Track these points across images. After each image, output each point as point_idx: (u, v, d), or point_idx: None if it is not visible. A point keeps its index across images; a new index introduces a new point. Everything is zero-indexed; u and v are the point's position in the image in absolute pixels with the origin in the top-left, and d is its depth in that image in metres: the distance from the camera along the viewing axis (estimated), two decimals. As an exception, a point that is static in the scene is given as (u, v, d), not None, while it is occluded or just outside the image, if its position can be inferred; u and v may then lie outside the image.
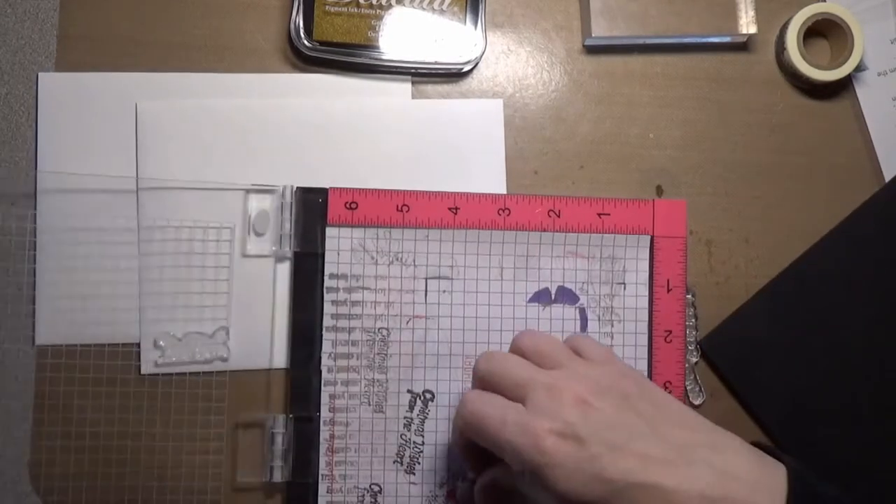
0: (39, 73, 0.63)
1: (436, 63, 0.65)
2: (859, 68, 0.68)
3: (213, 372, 0.63)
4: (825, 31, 0.69)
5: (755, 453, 0.52)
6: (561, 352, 0.55)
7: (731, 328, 0.66)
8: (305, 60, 0.65)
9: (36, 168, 0.62)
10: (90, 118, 0.63)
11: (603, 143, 0.67)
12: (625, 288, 0.65)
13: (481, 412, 0.53)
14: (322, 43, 0.64)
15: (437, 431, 0.63)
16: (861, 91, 0.69)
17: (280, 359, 0.63)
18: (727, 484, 0.49)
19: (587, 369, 0.54)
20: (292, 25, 0.63)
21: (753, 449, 0.52)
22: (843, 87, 0.69)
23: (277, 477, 0.61)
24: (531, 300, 0.64)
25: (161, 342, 0.62)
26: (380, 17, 0.64)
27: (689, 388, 0.65)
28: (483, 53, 0.66)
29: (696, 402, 0.66)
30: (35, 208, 0.62)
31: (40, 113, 0.63)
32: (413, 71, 0.66)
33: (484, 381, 0.55)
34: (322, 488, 0.62)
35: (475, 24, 0.65)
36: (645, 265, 0.65)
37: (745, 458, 0.51)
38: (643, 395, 0.53)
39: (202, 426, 0.63)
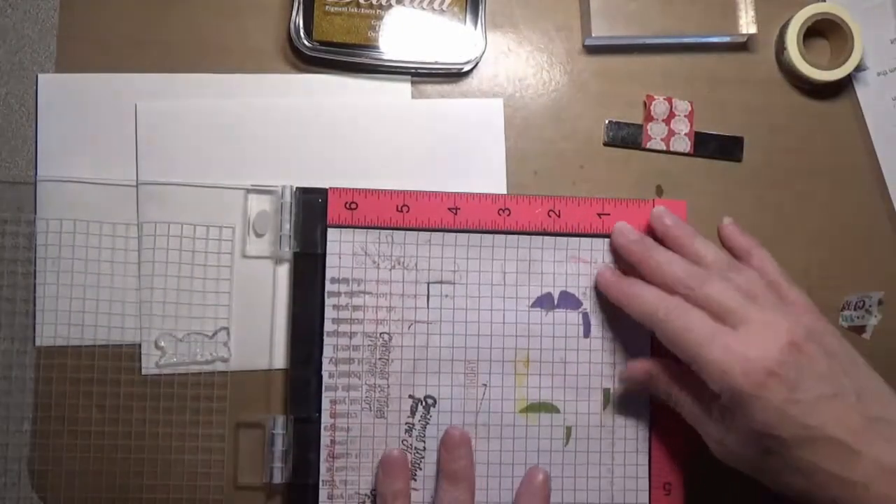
0: (39, 75, 0.63)
1: (436, 63, 0.65)
2: (859, 68, 0.68)
3: (213, 372, 0.63)
4: (825, 31, 0.69)
5: None
6: (770, 296, 0.57)
7: None
8: (305, 60, 0.65)
9: (36, 169, 0.62)
10: (90, 119, 0.63)
11: (603, 143, 0.67)
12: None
13: (687, 324, 0.56)
14: (322, 43, 0.64)
15: (438, 437, 0.63)
16: (861, 91, 0.69)
17: (280, 360, 0.63)
18: None
19: (797, 315, 0.56)
20: (292, 25, 0.63)
21: None
22: (843, 87, 0.70)
23: (277, 478, 0.62)
24: (533, 305, 0.64)
25: (162, 343, 0.62)
26: (380, 17, 0.64)
27: (688, 388, 0.66)
28: (483, 53, 0.65)
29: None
30: (35, 209, 0.62)
31: (40, 114, 0.63)
32: (413, 71, 0.66)
33: (692, 299, 0.57)
34: (323, 494, 0.62)
35: (475, 24, 0.65)
36: (647, 269, 0.65)
37: None
38: (846, 355, 0.56)
39: (203, 426, 0.63)
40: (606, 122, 0.67)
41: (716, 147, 0.68)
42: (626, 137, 0.67)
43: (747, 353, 0.53)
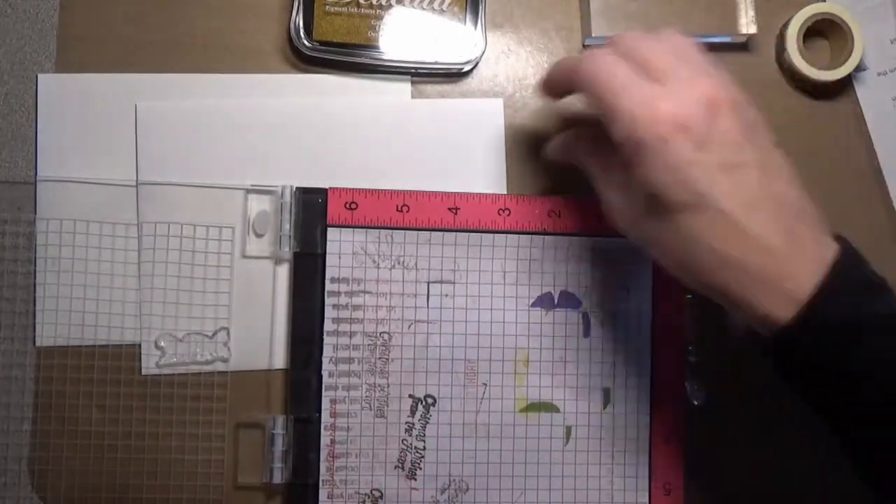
0: (39, 75, 0.63)
1: (436, 63, 0.65)
2: (859, 68, 0.68)
3: (213, 372, 0.63)
4: (825, 31, 0.69)
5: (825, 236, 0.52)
6: (702, 60, 0.54)
7: None
8: (305, 60, 0.65)
9: (36, 169, 0.62)
10: (90, 119, 0.63)
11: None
12: (628, 292, 0.65)
13: (612, 72, 0.52)
14: (322, 43, 0.64)
15: (438, 437, 0.63)
16: (861, 91, 0.69)
17: (280, 360, 0.63)
18: (792, 250, 0.50)
19: (727, 83, 0.53)
20: (292, 26, 0.63)
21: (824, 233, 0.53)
22: (843, 87, 0.69)
23: (277, 478, 0.62)
24: (533, 305, 0.64)
25: (162, 343, 0.62)
26: (380, 17, 0.64)
27: (688, 388, 0.66)
28: (483, 53, 0.65)
29: (696, 403, 0.66)
30: (35, 209, 0.62)
31: (40, 114, 0.63)
32: (413, 71, 0.66)
33: (626, 54, 0.54)
34: (323, 493, 0.62)
35: (475, 24, 0.65)
36: (648, 269, 0.65)
37: (818, 240, 0.51)
38: (765, 133, 0.53)
39: (203, 426, 0.63)
40: None
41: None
42: None
43: (661, 103, 0.50)
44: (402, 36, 0.64)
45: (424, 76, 0.66)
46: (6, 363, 0.62)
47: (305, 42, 0.63)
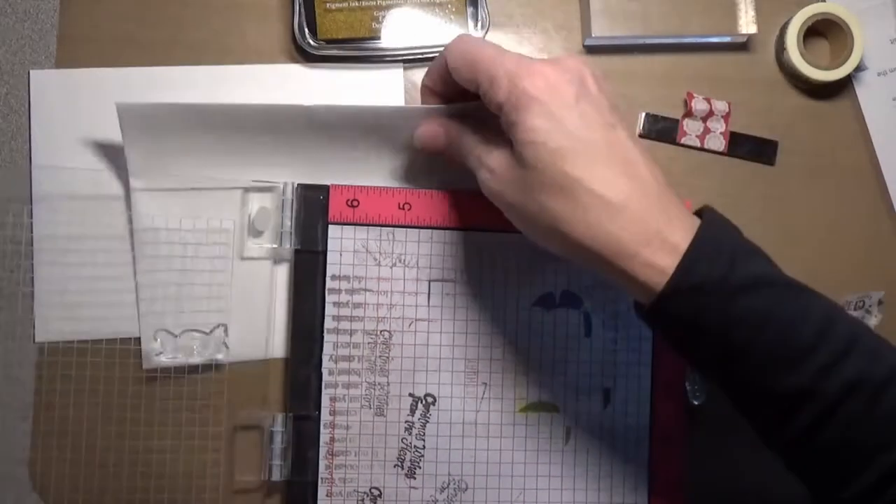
0: (31, 70, 0.63)
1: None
2: (859, 68, 0.68)
3: (211, 370, 0.63)
4: (825, 31, 0.69)
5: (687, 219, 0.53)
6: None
7: None
8: (311, 59, 0.65)
9: (31, 163, 0.62)
10: (85, 114, 0.63)
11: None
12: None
13: (483, 46, 0.55)
14: (327, 41, 0.64)
15: (438, 436, 0.63)
16: (861, 91, 0.70)
17: (279, 357, 0.63)
18: (662, 211, 0.51)
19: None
20: (296, 26, 0.63)
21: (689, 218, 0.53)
22: (843, 87, 0.70)
23: (276, 476, 0.61)
24: (535, 304, 0.64)
25: (160, 340, 0.62)
26: (382, 9, 0.64)
27: (688, 388, 0.66)
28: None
29: (696, 403, 0.66)
30: (32, 206, 0.62)
31: (33, 110, 0.62)
32: (419, 57, 0.66)
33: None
34: (321, 491, 0.62)
35: (476, 24, 0.65)
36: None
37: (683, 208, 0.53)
38: (629, 132, 0.54)
39: (201, 425, 0.63)
40: (643, 114, 0.68)
41: (750, 149, 0.68)
42: (661, 131, 0.68)
43: (539, 65, 0.52)
44: (405, 26, 0.65)
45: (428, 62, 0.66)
46: (6, 361, 0.62)
47: (311, 41, 0.63)
